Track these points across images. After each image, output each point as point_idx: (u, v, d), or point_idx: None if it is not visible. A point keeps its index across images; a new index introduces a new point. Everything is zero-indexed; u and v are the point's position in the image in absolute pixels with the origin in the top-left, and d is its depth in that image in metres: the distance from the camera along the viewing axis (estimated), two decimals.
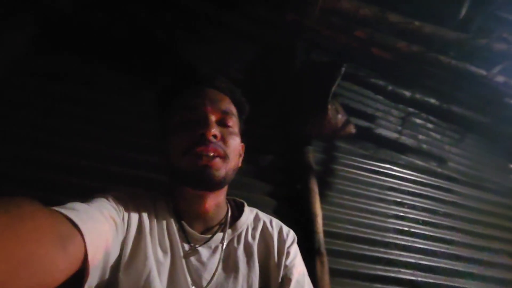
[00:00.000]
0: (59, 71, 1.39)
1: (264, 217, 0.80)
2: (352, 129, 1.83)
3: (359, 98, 2.23)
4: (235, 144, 0.71)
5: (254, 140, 1.52)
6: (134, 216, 0.64)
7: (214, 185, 0.66)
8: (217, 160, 0.65)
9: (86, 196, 0.60)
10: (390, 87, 2.34)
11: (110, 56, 1.53)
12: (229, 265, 0.66)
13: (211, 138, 0.65)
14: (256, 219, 0.78)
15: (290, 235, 0.78)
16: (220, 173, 0.65)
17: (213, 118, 0.68)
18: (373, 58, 2.12)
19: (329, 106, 1.67)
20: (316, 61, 1.96)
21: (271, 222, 0.79)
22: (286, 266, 0.71)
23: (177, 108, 0.72)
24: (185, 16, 1.82)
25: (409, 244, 1.74)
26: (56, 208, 0.45)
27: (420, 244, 1.77)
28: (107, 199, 0.61)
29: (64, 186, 1.16)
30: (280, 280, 0.69)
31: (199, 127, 0.66)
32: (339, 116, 1.76)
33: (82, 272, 0.45)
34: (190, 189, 0.69)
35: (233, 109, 0.75)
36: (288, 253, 0.73)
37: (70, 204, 0.50)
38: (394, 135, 2.22)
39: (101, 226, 0.52)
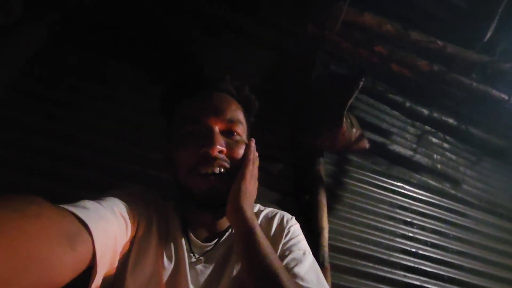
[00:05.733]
0: (78, 65, 1.43)
1: (266, 209, 0.78)
2: (365, 144, 1.81)
3: (375, 112, 2.21)
4: (242, 153, 0.69)
5: (265, 148, 1.53)
6: (144, 217, 0.65)
7: (218, 206, 0.65)
8: (223, 178, 0.64)
9: (97, 189, 0.60)
10: (407, 104, 2.31)
11: (129, 55, 1.56)
12: (229, 266, 0.65)
13: (217, 154, 0.63)
14: (260, 210, 0.77)
15: (291, 219, 0.77)
16: (224, 193, 0.64)
17: (217, 129, 0.66)
18: (393, 74, 2.10)
19: (344, 119, 1.66)
20: (334, 73, 1.96)
21: (273, 211, 0.78)
22: (284, 244, 0.69)
23: (180, 118, 0.70)
24: (204, 20, 1.84)
25: (416, 266, 1.70)
26: (66, 207, 0.45)
27: (427, 267, 1.73)
28: (120, 197, 0.61)
29: (76, 179, 1.19)
30: None
31: (203, 144, 0.63)
32: (354, 130, 1.74)
33: (89, 271, 0.45)
34: (194, 206, 0.69)
35: (239, 114, 0.72)
36: (288, 232, 0.71)
37: (81, 202, 0.50)
38: (408, 153, 2.18)
39: (111, 226, 0.51)
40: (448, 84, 2.11)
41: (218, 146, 0.63)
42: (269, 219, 0.74)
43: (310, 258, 0.68)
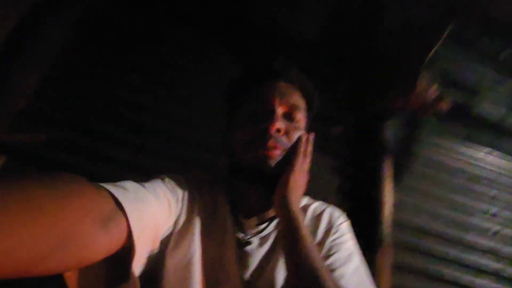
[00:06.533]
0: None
1: (315, 203, 0.78)
2: (445, 105, 1.56)
3: (459, 65, 1.85)
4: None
5: (323, 107, 1.38)
6: (190, 199, 0.67)
7: (266, 183, 0.67)
8: (276, 152, 0.66)
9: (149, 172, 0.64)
10: (505, 55, 1.89)
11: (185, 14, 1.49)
12: (277, 252, 0.66)
13: (274, 132, 0.66)
14: (307, 204, 0.77)
15: (341, 216, 0.76)
16: (274, 172, 0.65)
17: (280, 111, 0.69)
18: (487, 17, 1.70)
19: (421, 76, 1.42)
20: (411, 19, 1.65)
21: (322, 206, 0.78)
22: (330, 241, 0.68)
23: (245, 100, 0.75)
24: None
25: (495, 249, 1.49)
26: (106, 186, 0.46)
27: (509, 251, 1.50)
28: (163, 180, 0.64)
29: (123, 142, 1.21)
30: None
31: (264, 121, 0.67)
32: (432, 88, 1.50)
33: (129, 249, 0.47)
34: (248, 184, 0.70)
35: (301, 103, 0.76)
36: (336, 230, 0.71)
37: (122, 183, 0.52)
38: (498, 116, 1.84)
39: (150, 207, 0.53)
40: None
41: (277, 124, 0.66)
42: (318, 215, 0.75)
43: (355, 260, 0.67)
